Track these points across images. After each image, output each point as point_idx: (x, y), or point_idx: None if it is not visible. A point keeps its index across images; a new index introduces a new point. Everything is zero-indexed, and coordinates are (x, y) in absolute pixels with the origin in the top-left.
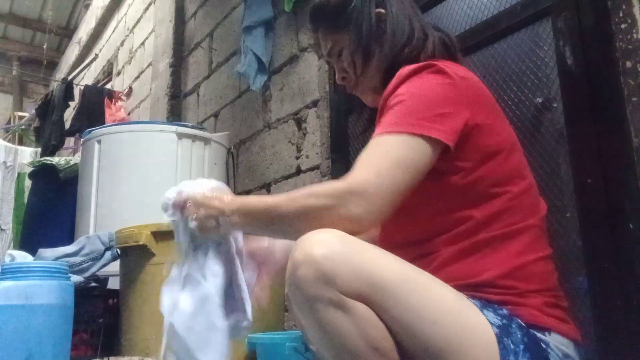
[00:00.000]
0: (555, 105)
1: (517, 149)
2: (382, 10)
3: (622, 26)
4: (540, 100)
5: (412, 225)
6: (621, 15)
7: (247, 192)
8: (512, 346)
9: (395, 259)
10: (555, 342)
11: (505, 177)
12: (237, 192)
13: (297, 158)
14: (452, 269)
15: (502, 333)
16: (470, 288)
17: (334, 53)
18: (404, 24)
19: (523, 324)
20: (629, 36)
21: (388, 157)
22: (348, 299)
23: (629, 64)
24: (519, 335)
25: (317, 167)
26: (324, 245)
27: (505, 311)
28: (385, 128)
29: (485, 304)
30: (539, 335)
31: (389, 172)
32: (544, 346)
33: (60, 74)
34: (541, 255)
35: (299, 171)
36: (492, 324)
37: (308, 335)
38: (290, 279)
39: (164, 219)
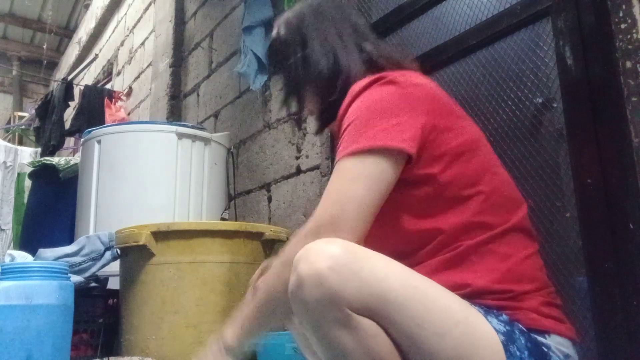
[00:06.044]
0: (555, 105)
1: (483, 146)
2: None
3: (622, 26)
4: (540, 100)
5: (394, 237)
6: (621, 15)
7: (247, 192)
8: (517, 353)
9: (401, 267)
10: (556, 343)
11: (474, 177)
12: (237, 192)
13: (297, 158)
14: (441, 279)
15: (508, 340)
16: (465, 297)
17: None
18: (324, 59)
19: (524, 329)
20: (629, 36)
21: (349, 179)
22: (354, 316)
23: (629, 64)
24: (523, 341)
25: (317, 167)
26: (329, 258)
27: (505, 317)
28: (344, 151)
29: (487, 310)
30: (539, 338)
31: (353, 195)
32: (545, 350)
33: (60, 74)
34: (527, 254)
35: (299, 171)
36: (497, 331)
37: (314, 348)
38: (294, 295)
39: (164, 219)
